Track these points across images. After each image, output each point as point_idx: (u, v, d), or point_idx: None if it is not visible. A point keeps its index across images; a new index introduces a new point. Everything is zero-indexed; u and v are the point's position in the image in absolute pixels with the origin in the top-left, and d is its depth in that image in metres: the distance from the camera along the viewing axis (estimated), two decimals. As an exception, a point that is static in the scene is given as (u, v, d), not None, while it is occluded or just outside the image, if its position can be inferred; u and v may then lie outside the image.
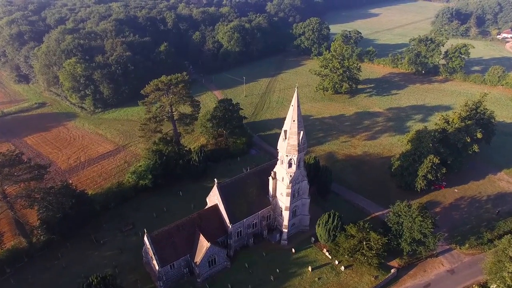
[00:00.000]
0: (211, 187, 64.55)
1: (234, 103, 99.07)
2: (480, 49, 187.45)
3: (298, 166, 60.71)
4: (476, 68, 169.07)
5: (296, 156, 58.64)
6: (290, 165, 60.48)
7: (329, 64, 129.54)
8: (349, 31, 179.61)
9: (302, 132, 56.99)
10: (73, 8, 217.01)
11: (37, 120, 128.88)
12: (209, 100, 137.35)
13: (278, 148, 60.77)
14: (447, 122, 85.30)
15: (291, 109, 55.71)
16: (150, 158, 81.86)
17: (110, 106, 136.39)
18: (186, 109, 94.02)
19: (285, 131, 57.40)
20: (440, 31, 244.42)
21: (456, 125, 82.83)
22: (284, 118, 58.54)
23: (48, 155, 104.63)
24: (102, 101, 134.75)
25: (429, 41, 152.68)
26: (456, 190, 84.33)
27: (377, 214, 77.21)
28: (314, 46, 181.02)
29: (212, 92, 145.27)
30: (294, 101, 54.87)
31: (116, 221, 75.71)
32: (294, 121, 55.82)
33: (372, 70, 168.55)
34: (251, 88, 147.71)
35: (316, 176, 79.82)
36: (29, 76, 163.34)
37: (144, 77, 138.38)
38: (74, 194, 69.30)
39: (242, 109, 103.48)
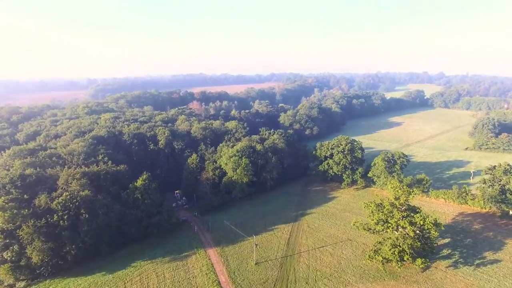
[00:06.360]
0: None
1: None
2: None
3: None
4: None
5: None
6: None
7: (390, 220, 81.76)
8: (392, 154, 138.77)
9: None
10: (57, 120, 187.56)
11: None
12: (198, 270, 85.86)
13: None
14: None
15: None
16: None
17: (42, 276, 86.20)
18: None
19: None
20: (487, 144, 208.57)
21: None
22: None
23: None
24: (28, 270, 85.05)
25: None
26: None
27: None
28: (346, 172, 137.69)
29: (206, 252, 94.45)
30: None
31: None
32: None
33: (431, 207, 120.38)
34: (264, 243, 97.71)
35: None
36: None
37: (105, 231, 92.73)
38: None
39: None
